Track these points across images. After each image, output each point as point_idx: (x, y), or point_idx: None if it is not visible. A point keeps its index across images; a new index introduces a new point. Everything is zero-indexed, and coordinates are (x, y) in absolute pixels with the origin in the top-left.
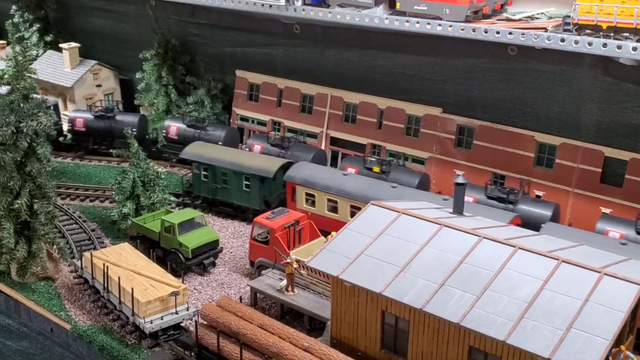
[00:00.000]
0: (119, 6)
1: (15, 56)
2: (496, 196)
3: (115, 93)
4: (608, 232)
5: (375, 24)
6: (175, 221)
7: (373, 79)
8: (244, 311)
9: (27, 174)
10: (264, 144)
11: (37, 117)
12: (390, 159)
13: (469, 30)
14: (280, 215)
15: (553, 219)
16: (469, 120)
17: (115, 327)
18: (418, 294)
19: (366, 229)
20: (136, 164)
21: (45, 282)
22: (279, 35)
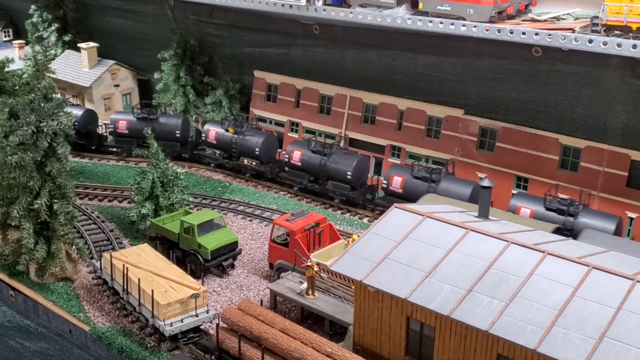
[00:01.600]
0: (137, 6)
1: (35, 55)
2: (555, 208)
3: (133, 93)
4: None
5: (398, 24)
6: (195, 222)
7: (393, 79)
8: (265, 315)
9: (47, 174)
10: (304, 150)
11: (58, 117)
12: None
13: (494, 31)
14: (300, 217)
15: (616, 234)
16: (491, 122)
17: (135, 329)
18: (445, 300)
19: (389, 233)
20: (155, 164)
21: (64, 283)
22: (297, 35)
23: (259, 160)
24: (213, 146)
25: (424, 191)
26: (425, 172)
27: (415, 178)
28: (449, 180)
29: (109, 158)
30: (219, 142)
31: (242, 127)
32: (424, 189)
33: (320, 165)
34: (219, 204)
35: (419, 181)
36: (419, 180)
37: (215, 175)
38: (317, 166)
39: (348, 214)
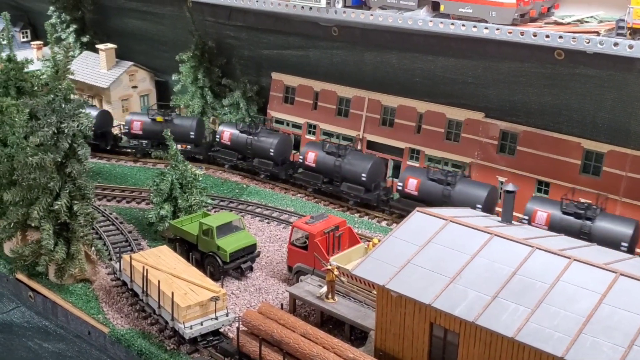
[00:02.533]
0: (155, 8)
1: (54, 56)
2: (572, 212)
3: (151, 95)
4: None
5: (419, 26)
6: (214, 224)
7: (412, 82)
8: (286, 319)
9: (67, 175)
10: (319, 151)
11: (78, 118)
12: None
13: (516, 34)
14: (319, 220)
15: (634, 238)
16: (512, 125)
17: (154, 331)
18: (470, 306)
19: (412, 237)
20: (174, 166)
21: (82, 284)
22: (316, 37)
23: (274, 162)
24: (227, 147)
25: (439, 194)
26: (441, 175)
27: (431, 180)
28: (465, 183)
29: (126, 159)
30: (233, 144)
31: (257, 128)
32: (439, 191)
33: (334, 167)
34: (237, 205)
35: (435, 184)
36: (434, 182)
37: (233, 177)
38: (332, 167)
39: (366, 217)
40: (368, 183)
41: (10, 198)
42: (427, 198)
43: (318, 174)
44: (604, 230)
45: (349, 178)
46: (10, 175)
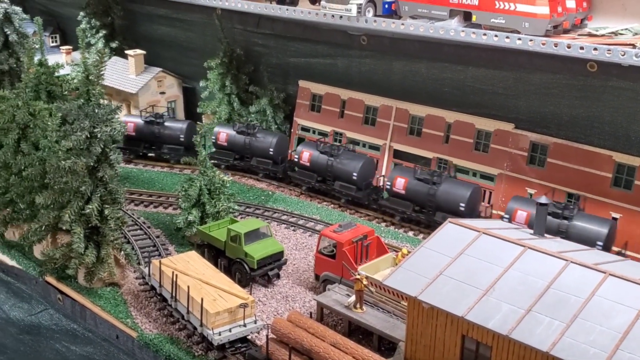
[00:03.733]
0: (185, 15)
1: (84, 61)
2: (551, 211)
3: (178, 101)
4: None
5: (451, 36)
6: (242, 231)
7: (441, 91)
8: (315, 327)
9: (99, 179)
10: (313, 151)
11: (111, 123)
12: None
13: (550, 45)
14: (347, 229)
15: (609, 237)
16: (542, 137)
17: (182, 336)
18: (503, 319)
19: (444, 248)
20: (203, 172)
21: (111, 288)
22: (344, 46)
23: (273, 161)
24: (224, 148)
25: (425, 192)
26: (428, 174)
27: (418, 180)
28: (450, 182)
29: (154, 164)
30: (229, 144)
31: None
32: (425, 190)
33: (327, 166)
34: (262, 212)
35: (421, 183)
36: (420, 182)
37: (259, 183)
38: (325, 167)
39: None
40: (359, 182)
41: (42, 201)
42: (414, 197)
43: (312, 173)
44: (580, 229)
45: (341, 177)
46: (42, 179)
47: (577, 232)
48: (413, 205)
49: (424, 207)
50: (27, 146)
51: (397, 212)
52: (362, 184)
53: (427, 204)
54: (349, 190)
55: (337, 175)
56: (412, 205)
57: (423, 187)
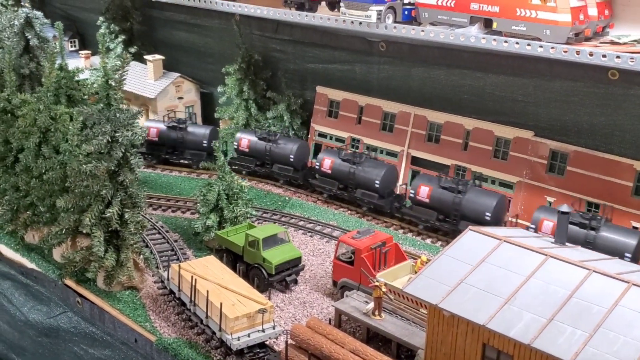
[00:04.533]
0: (203, 20)
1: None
2: (577, 222)
3: (196, 106)
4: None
5: (471, 43)
6: (260, 236)
7: (460, 98)
8: (334, 334)
9: (119, 183)
10: (335, 158)
11: (132, 128)
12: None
13: (572, 53)
14: (366, 236)
15: (638, 248)
16: (562, 145)
17: (200, 341)
18: (525, 328)
19: (465, 256)
20: (221, 177)
21: (130, 292)
22: (363, 52)
23: (293, 167)
24: (245, 154)
25: (450, 201)
26: (453, 183)
27: (442, 188)
28: (476, 191)
29: (171, 169)
30: (251, 150)
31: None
32: (450, 199)
33: (349, 174)
34: (279, 218)
35: (446, 191)
36: (445, 190)
37: (275, 189)
38: (347, 174)
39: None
40: (381, 190)
41: (63, 204)
42: (438, 205)
43: (333, 180)
44: (607, 240)
45: (363, 185)
46: (63, 182)
47: (605, 243)
48: (437, 214)
49: (448, 216)
50: (48, 150)
51: (421, 221)
52: (385, 192)
53: (451, 213)
54: (371, 198)
55: (359, 183)
56: (436, 214)
57: (448, 195)
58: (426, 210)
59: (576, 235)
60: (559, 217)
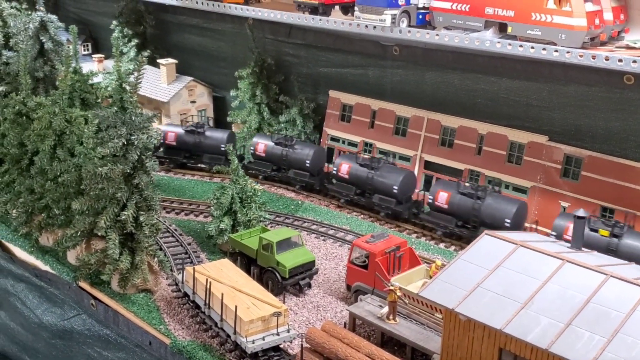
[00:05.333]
0: (216, 25)
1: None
2: (466, 192)
3: (208, 109)
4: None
5: (486, 47)
6: (274, 239)
7: (474, 103)
8: (350, 338)
9: (134, 186)
10: (352, 163)
11: (148, 131)
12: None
13: (588, 57)
14: (380, 240)
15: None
16: (576, 149)
17: (215, 344)
18: (542, 333)
19: (481, 260)
20: (235, 180)
21: (144, 294)
22: (376, 56)
23: (309, 173)
24: (262, 159)
25: (469, 207)
26: (472, 189)
27: (461, 194)
28: (495, 197)
29: (184, 172)
30: (268, 155)
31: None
32: (469, 205)
33: (367, 179)
34: (292, 221)
35: (465, 197)
36: (464, 196)
37: (288, 193)
38: (364, 179)
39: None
40: (400, 195)
41: (78, 207)
42: (457, 211)
43: (351, 186)
44: (630, 247)
45: (381, 190)
46: (78, 185)
47: (628, 251)
48: (456, 220)
49: (467, 222)
50: (63, 152)
51: (439, 227)
52: (403, 198)
53: (471, 219)
54: (388, 203)
55: (376, 188)
56: (455, 220)
57: (467, 201)
58: (445, 216)
59: (598, 243)
60: (575, 221)
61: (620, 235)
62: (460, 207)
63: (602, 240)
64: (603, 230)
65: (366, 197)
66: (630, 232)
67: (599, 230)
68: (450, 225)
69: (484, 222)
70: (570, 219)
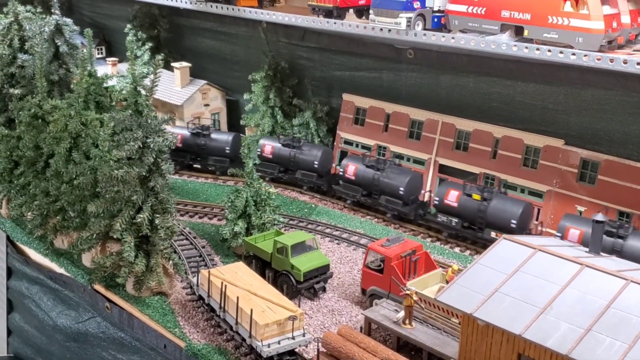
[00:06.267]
0: (230, 28)
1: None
2: (605, 230)
3: (221, 113)
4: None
5: (503, 50)
6: (289, 243)
7: (489, 106)
8: (366, 342)
9: (150, 188)
10: (358, 165)
11: (164, 134)
12: None
13: (606, 61)
14: (396, 244)
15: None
16: (593, 153)
17: (230, 348)
18: (562, 338)
19: (498, 265)
20: (249, 183)
21: (159, 297)
22: (390, 59)
23: (317, 174)
24: (269, 160)
25: (475, 209)
26: (477, 190)
27: (467, 196)
28: (501, 199)
29: (197, 175)
30: (275, 157)
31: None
32: (475, 206)
33: (373, 180)
34: (306, 225)
35: (471, 199)
36: (471, 198)
37: (301, 196)
38: (371, 181)
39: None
40: (406, 197)
41: (94, 209)
42: (464, 212)
43: (357, 187)
44: (636, 248)
45: (387, 191)
46: (93, 188)
47: (633, 252)
48: (462, 221)
49: (473, 223)
50: (79, 155)
51: (446, 228)
52: (409, 199)
53: (477, 220)
54: (395, 205)
55: (383, 189)
56: (461, 221)
57: (473, 203)
58: (451, 217)
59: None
60: (593, 226)
61: (625, 236)
62: (467, 209)
63: (607, 241)
64: None
65: (373, 198)
66: (636, 233)
67: None
68: (457, 226)
69: (490, 223)
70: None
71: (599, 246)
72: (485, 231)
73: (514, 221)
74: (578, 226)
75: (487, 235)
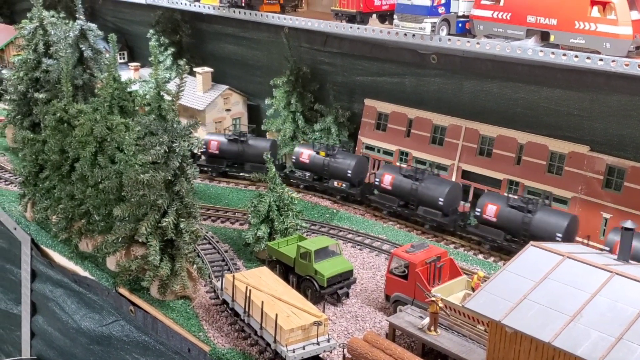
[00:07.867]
0: (252, 34)
1: (156, 77)
2: (516, 205)
3: (243, 118)
4: None
5: (529, 55)
6: (312, 248)
7: (513, 112)
8: (392, 349)
9: (175, 193)
10: (395, 174)
11: (189, 138)
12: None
13: (634, 66)
14: (420, 250)
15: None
16: (619, 160)
17: (254, 352)
18: (593, 346)
19: (527, 272)
20: (272, 188)
21: (183, 301)
22: (413, 64)
23: (350, 183)
24: (304, 168)
25: (519, 221)
26: (521, 202)
27: (511, 207)
28: (546, 211)
29: (219, 180)
30: (310, 164)
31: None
32: (519, 219)
33: (411, 190)
34: (328, 230)
35: (514, 211)
36: (514, 209)
37: (323, 201)
38: (408, 191)
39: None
40: (445, 208)
41: (120, 213)
42: (506, 225)
43: (394, 197)
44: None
45: (425, 202)
46: (119, 192)
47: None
48: (505, 233)
49: (516, 236)
50: (104, 159)
51: (487, 241)
52: (449, 210)
53: (520, 233)
54: (433, 215)
55: (421, 200)
56: (503, 233)
57: (517, 215)
58: (493, 229)
59: None
60: (622, 233)
61: None
62: (510, 221)
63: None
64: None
65: (410, 208)
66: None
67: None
68: (499, 239)
69: (535, 236)
70: None
71: (629, 253)
72: None
73: (559, 234)
74: None
75: None
